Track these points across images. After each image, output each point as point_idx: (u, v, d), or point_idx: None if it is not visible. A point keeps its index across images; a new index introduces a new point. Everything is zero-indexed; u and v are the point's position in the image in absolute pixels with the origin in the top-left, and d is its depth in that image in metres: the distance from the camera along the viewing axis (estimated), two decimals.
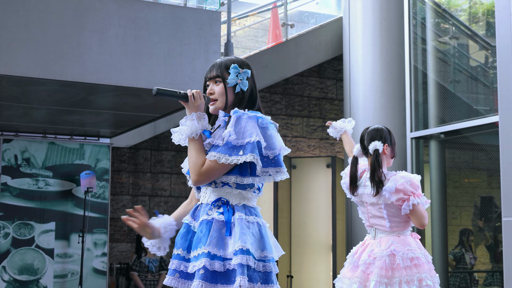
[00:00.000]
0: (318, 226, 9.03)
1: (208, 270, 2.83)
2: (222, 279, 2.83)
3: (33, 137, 8.58)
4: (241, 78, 3.01)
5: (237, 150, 2.84)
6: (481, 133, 7.02)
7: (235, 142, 2.85)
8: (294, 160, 9.34)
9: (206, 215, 2.94)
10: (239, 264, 2.79)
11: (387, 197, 4.30)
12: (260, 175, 2.90)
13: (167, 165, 9.67)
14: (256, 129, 2.86)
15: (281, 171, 2.92)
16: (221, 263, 2.84)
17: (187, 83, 6.48)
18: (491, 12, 7.07)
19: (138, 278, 8.50)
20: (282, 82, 10.15)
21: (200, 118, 2.97)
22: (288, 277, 8.93)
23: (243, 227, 2.86)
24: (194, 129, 2.95)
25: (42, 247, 8.40)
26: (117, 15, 6.40)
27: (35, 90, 6.60)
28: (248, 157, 2.81)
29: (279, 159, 2.91)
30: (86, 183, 8.45)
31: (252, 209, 2.97)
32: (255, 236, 2.88)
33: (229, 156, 2.84)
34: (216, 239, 2.86)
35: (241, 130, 2.86)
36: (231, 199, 2.95)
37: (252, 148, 2.82)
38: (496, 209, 7.45)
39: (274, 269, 2.90)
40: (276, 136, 2.94)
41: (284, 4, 9.96)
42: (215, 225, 2.89)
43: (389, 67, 8.18)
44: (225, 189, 2.94)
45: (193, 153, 2.93)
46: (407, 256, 4.26)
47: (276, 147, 2.90)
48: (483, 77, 7.53)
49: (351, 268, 4.45)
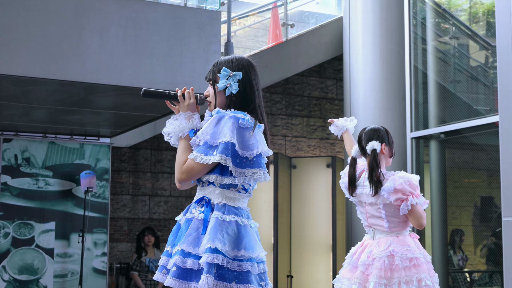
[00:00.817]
0: (318, 226, 9.03)
1: (180, 268, 2.87)
2: (197, 277, 2.85)
3: (33, 137, 8.58)
4: (230, 82, 3.02)
5: (212, 149, 2.87)
6: (481, 133, 7.02)
7: (211, 142, 2.88)
8: (294, 160, 9.33)
9: (189, 214, 3.00)
10: (205, 262, 2.81)
11: (385, 197, 4.30)
12: (236, 176, 2.90)
13: (167, 164, 9.67)
14: (232, 130, 2.86)
15: (258, 172, 2.91)
16: (195, 261, 2.86)
17: (187, 83, 6.48)
18: (491, 12, 7.07)
19: (139, 278, 8.50)
20: (282, 82, 10.15)
21: (189, 118, 3.00)
22: (288, 277, 8.93)
23: (215, 225, 2.87)
24: (181, 128, 3.00)
25: (42, 246, 8.40)
26: (117, 14, 6.40)
27: (35, 90, 6.60)
28: (217, 158, 2.84)
29: (259, 161, 2.90)
30: (86, 182, 8.45)
31: (234, 208, 2.96)
32: (230, 235, 2.87)
33: (205, 156, 2.88)
34: (193, 237, 2.90)
35: (218, 131, 2.88)
36: (213, 198, 2.97)
37: (223, 149, 2.84)
38: (496, 209, 7.45)
39: (252, 269, 2.89)
40: (258, 137, 2.93)
41: (284, 4, 9.96)
42: (193, 223, 2.93)
43: (389, 67, 8.18)
44: (209, 188, 2.97)
45: (179, 151, 2.98)
46: (406, 257, 4.26)
47: (255, 147, 2.90)
48: (483, 77, 7.52)
49: (350, 269, 4.45)
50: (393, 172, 4.40)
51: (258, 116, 3.01)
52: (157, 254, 8.58)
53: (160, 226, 9.54)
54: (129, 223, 9.45)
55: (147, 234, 8.67)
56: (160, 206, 9.59)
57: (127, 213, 9.45)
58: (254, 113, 3.01)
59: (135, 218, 9.47)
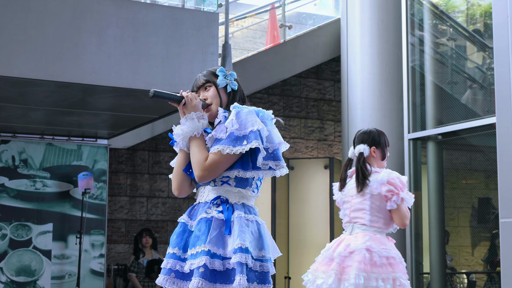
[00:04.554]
0: (316, 227, 9.03)
1: (208, 269, 2.80)
2: (221, 279, 2.81)
3: (30, 138, 8.57)
4: (230, 79, 3.07)
5: (240, 140, 2.85)
6: (478, 134, 7.03)
7: (238, 133, 2.86)
8: (292, 161, 9.34)
9: (205, 213, 2.92)
10: (238, 262, 2.77)
11: (374, 188, 4.33)
12: (261, 168, 2.89)
13: (165, 166, 9.66)
14: (257, 119, 2.89)
15: (280, 165, 2.92)
16: (220, 262, 2.82)
17: (185, 84, 6.48)
18: (489, 14, 7.08)
19: (136, 280, 8.50)
20: (280, 83, 10.15)
21: (200, 118, 2.99)
22: (286, 278, 8.93)
23: (242, 225, 2.85)
24: (195, 127, 2.96)
25: (39, 248, 8.39)
26: (115, 16, 6.40)
27: (33, 91, 6.59)
28: (254, 144, 2.81)
29: (278, 153, 2.92)
30: (84, 184, 8.44)
31: (251, 208, 2.97)
32: (253, 235, 2.87)
33: (233, 147, 2.85)
34: (216, 237, 2.84)
35: (243, 122, 2.87)
36: (231, 197, 2.94)
37: (256, 136, 2.83)
38: (493, 210, 7.46)
39: (271, 269, 2.89)
40: (274, 130, 2.96)
41: (282, 5, 9.96)
42: (214, 223, 2.88)
43: (387, 69, 8.19)
44: (225, 187, 2.94)
45: (196, 149, 2.94)
46: (383, 254, 4.28)
47: (275, 141, 2.92)
48: (480, 79, 7.53)
49: (326, 262, 4.42)
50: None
51: None
52: (155, 255, 8.57)
53: (158, 227, 9.53)
54: (127, 225, 9.44)
55: (145, 236, 8.67)
56: (158, 208, 9.59)
57: (125, 214, 9.44)
58: None
59: (133, 220, 9.47)
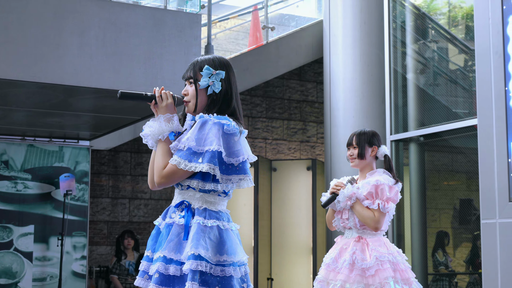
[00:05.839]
0: (298, 229, 9.04)
1: (163, 274, 2.84)
2: (180, 283, 2.83)
3: (11, 140, 8.51)
4: (213, 80, 2.97)
5: (197, 156, 2.82)
6: (460, 136, 7.07)
7: (196, 148, 2.82)
8: (274, 162, 9.34)
9: (169, 218, 2.95)
10: (189, 269, 2.79)
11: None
12: (222, 182, 2.88)
13: (147, 167, 9.60)
14: (217, 136, 2.83)
15: (244, 178, 2.91)
16: (177, 267, 2.84)
17: (167, 85, 6.47)
18: (470, 16, 7.12)
19: (118, 281, 8.46)
20: (262, 85, 10.15)
21: (168, 120, 2.95)
22: (268, 279, 8.92)
23: (198, 231, 2.84)
24: (160, 131, 2.93)
25: (20, 250, 8.33)
26: (97, 17, 6.37)
27: (14, 92, 6.55)
28: (205, 167, 2.79)
29: (244, 167, 2.90)
30: (66, 185, 8.40)
31: (214, 212, 2.93)
32: (212, 240, 2.85)
33: (189, 162, 2.83)
34: (174, 243, 2.86)
35: (203, 137, 2.83)
36: (193, 202, 2.93)
37: (210, 158, 2.81)
38: (475, 212, 7.50)
39: (235, 273, 2.87)
40: (242, 143, 2.91)
41: (264, 7, 9.97)
42: (174, 229, 2.90)
43: (369, 70, 8.22)
44: (189, 191, 2.93)
45: (159, 155, 2.92)
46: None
47: (240, 154, 2.88)
48: (462, 80, 7.58)
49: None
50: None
51: (239, 118, 2.98)
52: (137, 257, 8.55)
53: (140, 229, 9.50)
54: (109, 226, 9.40)
55: (127, 237, 8.64)
56: (140, 209, 9.56)
57: (107, 216, 9.40)
58: (234, 115, 2.98)
59: (115, 221, 9.42)
